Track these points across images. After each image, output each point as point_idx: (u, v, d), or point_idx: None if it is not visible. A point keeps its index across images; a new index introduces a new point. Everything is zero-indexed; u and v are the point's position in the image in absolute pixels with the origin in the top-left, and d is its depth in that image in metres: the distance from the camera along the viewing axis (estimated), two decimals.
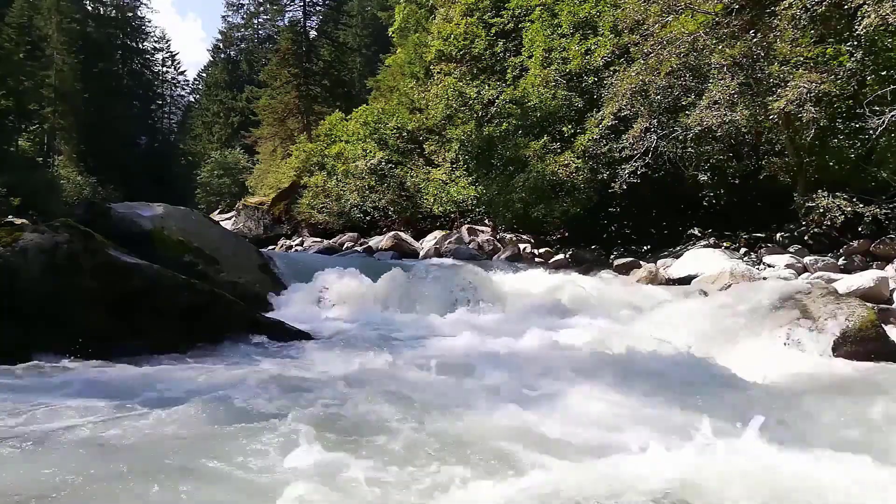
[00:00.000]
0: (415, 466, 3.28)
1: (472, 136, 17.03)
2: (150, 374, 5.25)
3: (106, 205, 10.47)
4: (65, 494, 2.92)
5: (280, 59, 39.41)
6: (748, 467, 3.29)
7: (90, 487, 2.98)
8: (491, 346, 6.87)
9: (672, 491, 3.02)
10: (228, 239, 10.62)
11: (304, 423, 3.97)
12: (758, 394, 4.74)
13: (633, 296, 9.60)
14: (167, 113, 62.65)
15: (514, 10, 19.94)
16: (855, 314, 6.19)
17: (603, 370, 5.51)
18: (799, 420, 4.22)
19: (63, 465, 3.23)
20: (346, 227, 23.15)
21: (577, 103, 16.38)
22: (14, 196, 22.23)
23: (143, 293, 6.23)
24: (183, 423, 3.96)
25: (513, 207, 16.15)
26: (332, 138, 25.58)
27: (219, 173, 42.86)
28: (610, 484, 3.05)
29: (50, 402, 4.25)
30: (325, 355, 6.22)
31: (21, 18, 37.08)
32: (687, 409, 4.34)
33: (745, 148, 13.71)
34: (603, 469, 3.25)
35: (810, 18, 11.22)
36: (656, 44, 12.63)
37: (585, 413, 4.28)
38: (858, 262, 10.61)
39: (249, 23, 57.39)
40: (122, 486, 3.01)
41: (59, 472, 3.15)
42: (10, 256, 5.68)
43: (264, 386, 4.93)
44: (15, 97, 27.10)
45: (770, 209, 13.29)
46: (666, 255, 12.91)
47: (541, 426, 4.00)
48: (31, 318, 5.63)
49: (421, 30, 25.55)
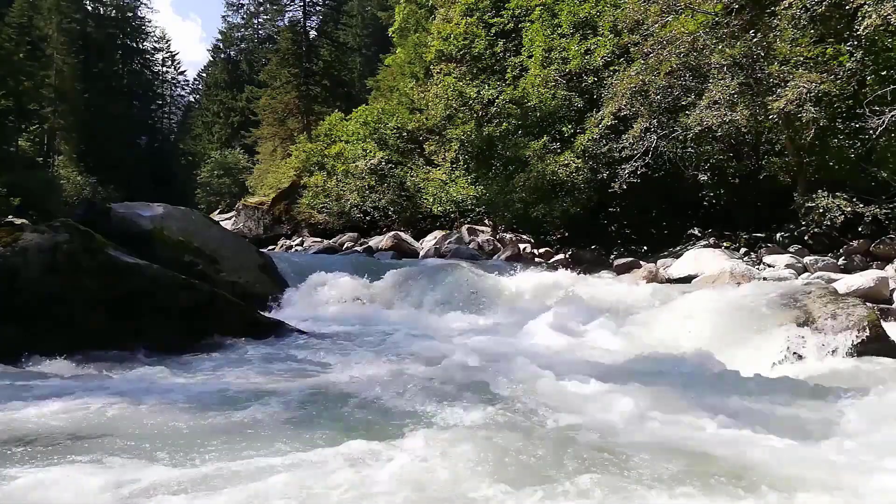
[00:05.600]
0: (414, 466, 3.28)
1: (472, 136, 17.01)
2: (150, 373, 5.25)
3: (106, 205, 10.47)
4: (64, 493, 2.92)
5: (280, 59, 39.40)
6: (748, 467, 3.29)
7: (90, 486, 2.98)
8: (491, 346, 6.87)
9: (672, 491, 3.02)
10: (228, 239, 10.62)
11: (304, 423, 3.97)
12: (758, 394, 4.74)
13: (632, 296, 9.59)
14: (167, 113, 62.60)
15: (514, 10, 19.92)
16: (855, 314, 6.18)
17: (603, 371, 5.51)
18: (799, 420, 4.22)
19: (62, 465, 3.23)
20: (346, 227, 23.15)
21: (576, 103, 16.37)
22: (14, 196, 22.21)
23: (143, 293, 6.24)
24: (183, 422, 3.96)
25: (513, 207, 16.15)
26: (332, 138, 25.58)
27: (219, 173, 42.84)
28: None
29: (50, 402, 4.25)
30: (324, 355, 6.22)
31: (21, 18, 37.11)
32: (686, 409, 4.34)
33: (745, 148, 13.70)
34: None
35: (810, 18, 11.21)
36: (656, 44, 12.62)
37: (585, 413, 4.28)
38: (858, 262, 10.61)
39: (249, 23, 57.34)
40: (122, 485, 3.01)
41: (58, 471, 3.15)
42: (10, 256, 5.68)
43: (264, 385, 4.93)
44: (15, 97, 27.07)
45: (770, 209, 13.28)
46: (666, 255, 12.90)
47: (541, 425, 4.00)
48: (31, 318, 5.63)
49: (421, 30, 25.53)
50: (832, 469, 3.32)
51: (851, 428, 4.03)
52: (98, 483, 3.02)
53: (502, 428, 3.86)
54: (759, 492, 3.00)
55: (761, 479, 3.12)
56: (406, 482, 3.05)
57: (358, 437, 3.68)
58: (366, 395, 4.63)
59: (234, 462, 3.31)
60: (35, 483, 3.01)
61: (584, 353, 6.50)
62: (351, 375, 5.21)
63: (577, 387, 4.79)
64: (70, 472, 3.14)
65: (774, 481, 3.11)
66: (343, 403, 4.40)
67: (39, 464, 3.25)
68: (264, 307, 8.61)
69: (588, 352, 6.57)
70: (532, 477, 3.16)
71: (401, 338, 7.22)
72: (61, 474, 3.11)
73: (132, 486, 3.00)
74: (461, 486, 3.05)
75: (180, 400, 4.41)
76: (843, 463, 3.43)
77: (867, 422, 4.11)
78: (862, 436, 3.87)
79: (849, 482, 3.12)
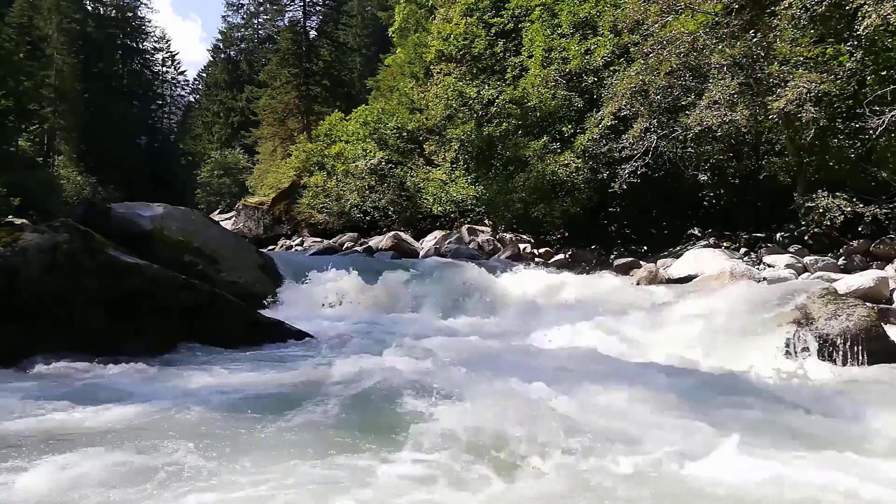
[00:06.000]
0: (414, 465, 3.28)
1: (472, 136, 17.01)
2: (150, 373, 5.26)
3: (106, 205, 10.47)
4: (63, 492, 2.92)
5: (280, 59, 39.39)
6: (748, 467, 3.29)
7: (89, 485, 2.98)
8: (491, 346, 6.87)
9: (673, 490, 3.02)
10: (228, 239, 10.62)
11: (304, 423, 3.97)
12: (758, 394, 4.74)
13: (632, 296, 9.59)
14: (167, 113, 62.60)
15: (514, 10, 19.92)
16: (855, 314, 6.18)
17: (603, 371, 5.51)
18: (798, 421, 4.22)
19: (62, 465, 3.23)
20: (346, 227, 23.14)
21: (577, 103, 16.37)
22: (14, 196, 22.19)
23: (143, 293, 6.23)
24: (182, 422, 3.96)
25: (513, 207, 16.14)
26: (332, 138, 25.55)
27: (219, 173, 42.84)
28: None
29: (50, 402, 4.25)
30: (324, 355, 6.22)
31: (21, 18, 37.12)
32: (686, 410, 4.34)
33: (745, 148, 13.69)
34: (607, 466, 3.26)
35: (810, 18, 11.20)
36: (656, 44, 12.61)
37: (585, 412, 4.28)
38: (858, 262, 10.60)
39: (249, 23, 57.34)
40: (121, 484, 3.01)
41: (58, 471, 3.15)
42: (10, 256, 5.68)
43: (263, 385, 4.93)
44: (15, 97, 27.06)
45: (770, 209, 13.28)
46: (666, 255, 12.89)
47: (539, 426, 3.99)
48: (31, 318, 5.63)
49: (421, 30, 25.52)
50: (832, 469, 3.31)
51: (851, 428, 4.03)
52: (97, 481, 3.02)
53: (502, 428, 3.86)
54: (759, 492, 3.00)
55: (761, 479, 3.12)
56: (406, 482, 3.05)
57: (358, 437, 3.68)
58: (365, 395, 4.63)
59: (233, 460, 3.31)
60: (35, 484, 3.01)
61: (585, 353, 6.49)
62: (350, 376, 5.20)
63: (578, 387, 4.79)
64: (69, 471, 3.14)
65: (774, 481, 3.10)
66: (342, 404, 4.40)
67: (39, 463, 3.25)
68: (264, 307, 8.61)
69: (588, 352, 6.57)
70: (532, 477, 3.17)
71: (400, 338, 7.21)
72: (60, 473, 3.11)
73: (133, 486, 3.00)
74: (462, 485, 3.05)
75: (180, 400, 4.41)
76: (843, 463, 3.42)
77: (867, 422, 4.11)
78: (862, 436, 3.87)
79: (849, 482, 3.12)
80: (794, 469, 3.29)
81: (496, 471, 3.25)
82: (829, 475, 3.19)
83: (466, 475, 3.19)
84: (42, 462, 3.26)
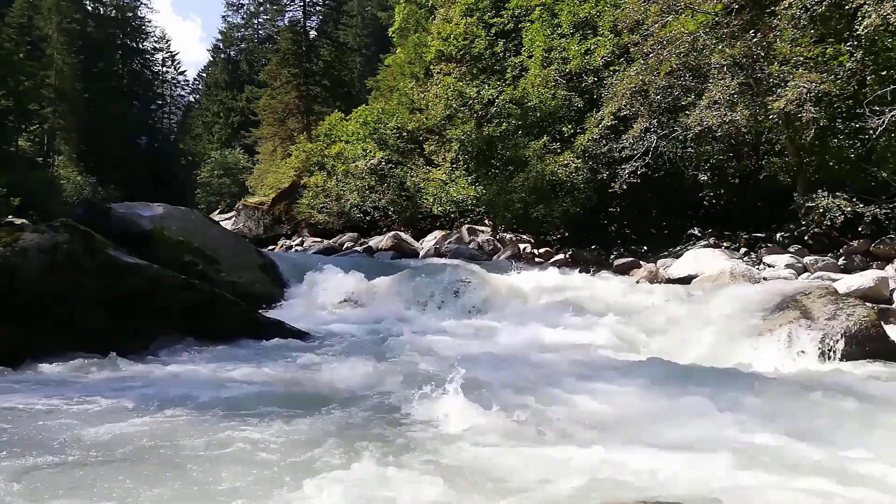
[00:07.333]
0: (413, 464, 3.28)
1: (472, 136, 17.00)
2: (150, 373, 5.26)
3: (106, 205, 10.47)
4: (63, 492, 2.92)
5: (280, 59, 39.36)
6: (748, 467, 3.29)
7: (89, 485, 2.98)
8: (490, 346, 6.88)
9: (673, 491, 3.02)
10: (228, 239, 10.62)
11: (304, 422, 3.97)
12: (758, 394, 4.74)
13: (632, 296, 9.59)
14: (167, 113, 62.58)
15: (514, 10, 19.92)
16: (855, 314, 6.18)
17: (602, 372, 5.51)
18: (798, 421, 4.21)
19: (62, 464, 3.23)
20: (347, 227, 23.13)
21: (576, 103, 16.37)
22: (14, 196, 22.20)
23: (144, 293, 6.23)
24: (182, 422, 3.97)
25: (513, 207, 16.13)
26: (332, 138, 25.55)
27: (219, 173, 42.84)
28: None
29: (50, 402, 4.25)
30: (324, 355, 6.21)
31: (21, 18, 37.12)
32: (686, 410, 4.34)
33: (745, 148, 13.69)
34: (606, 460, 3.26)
35: (810, 18, 11.20)
36: (656, 44, 12.61)
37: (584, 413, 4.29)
38: (858, 262, 10.60)
39: (249, 23, 57.32)
40: (120, 483, 3.01)
41: (57, 471, 3.15)
42: (10, 256, 5.68)
43: (263, 385, 4.94)
44: (15, 97, 27.08)
45: (770, 209, 13.27)
46: (666, 255, 12.89)
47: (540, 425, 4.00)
48: (31, 318, 5.63)
49: (421, 30, 25.52)
50: (831, 470, 3.31)
51: (851, 429, 4.03)
52: (97, 480, 3.02)
53: (501, 429, 3.86)
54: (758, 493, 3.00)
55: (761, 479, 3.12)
56: (406, 483, 3.05)
57: (357, 437, 3.68)
58: (364, 395, 4.64)
59: (232, 460, 3.31)
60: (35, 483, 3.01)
61: (585, 353, 6.50)
62: (350, 376, 5.21)
63: (578, 388, 4.79)
64: (69, 470, 3.14)
65: (773, 482, 3.11)
66: (342, 404, 4.40)
67: (39, 463, 3.25)
68: (264, 307, 8.61)
69: (588, 352, 6.57)
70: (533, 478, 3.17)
71: (400, 338, 7.21)
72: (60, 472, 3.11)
73: (130, 483, 3.00)
74: (462, 485, 3.05)
75: (180, 400, 4.41)
76: (843, 464, 3.43)
77: (867, 422, 4.11)
78: (861, 436, 3.87)
79: (849, 482, 3.12)
80: (794, 469, 3.30)
81: (496, 470, 3.25)
82: (829, 475, 3.19)
83: (467, 475, 3.19)
84: (42, 462, 3.26)
